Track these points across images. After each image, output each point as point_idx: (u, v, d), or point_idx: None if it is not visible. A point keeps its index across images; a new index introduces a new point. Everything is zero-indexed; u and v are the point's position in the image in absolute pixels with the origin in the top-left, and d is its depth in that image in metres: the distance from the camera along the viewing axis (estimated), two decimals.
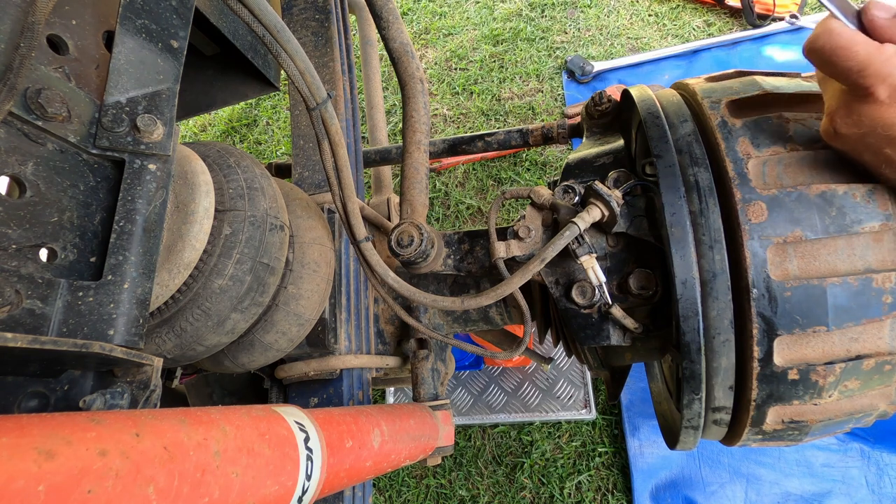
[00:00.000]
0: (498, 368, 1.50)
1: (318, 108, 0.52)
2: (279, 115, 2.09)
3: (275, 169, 1.34)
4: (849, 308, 0.49)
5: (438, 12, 2.14)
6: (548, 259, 0.59)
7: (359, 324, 0.80)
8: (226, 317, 0.58)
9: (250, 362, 0.70)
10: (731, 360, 0.54)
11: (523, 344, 0.74)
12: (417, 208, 0.73)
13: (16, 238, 0.40)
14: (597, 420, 1.40)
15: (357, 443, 0.46)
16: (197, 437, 0.29)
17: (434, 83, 1.98)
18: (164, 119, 0.48)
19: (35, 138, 0.42)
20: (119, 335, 0.41)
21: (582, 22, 1.97)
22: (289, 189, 0.75)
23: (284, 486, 0.35)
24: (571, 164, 0.71)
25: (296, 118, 0.92)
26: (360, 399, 0.77)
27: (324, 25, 0.95)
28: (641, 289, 0.62)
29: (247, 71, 0.98)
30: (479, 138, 1.21)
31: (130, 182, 0.45)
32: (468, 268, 0.76)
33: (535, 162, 1.74)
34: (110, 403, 0.39)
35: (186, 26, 0.54)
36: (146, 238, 0.45)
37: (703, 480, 1.28)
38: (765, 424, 0.56)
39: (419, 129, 0.78)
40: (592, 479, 1.35)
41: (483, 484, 1.40)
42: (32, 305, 0.38)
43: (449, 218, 1.74)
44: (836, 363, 0.50)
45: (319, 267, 0.70)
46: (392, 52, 0.84)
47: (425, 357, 0.81)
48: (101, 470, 0.23)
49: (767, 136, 0.54)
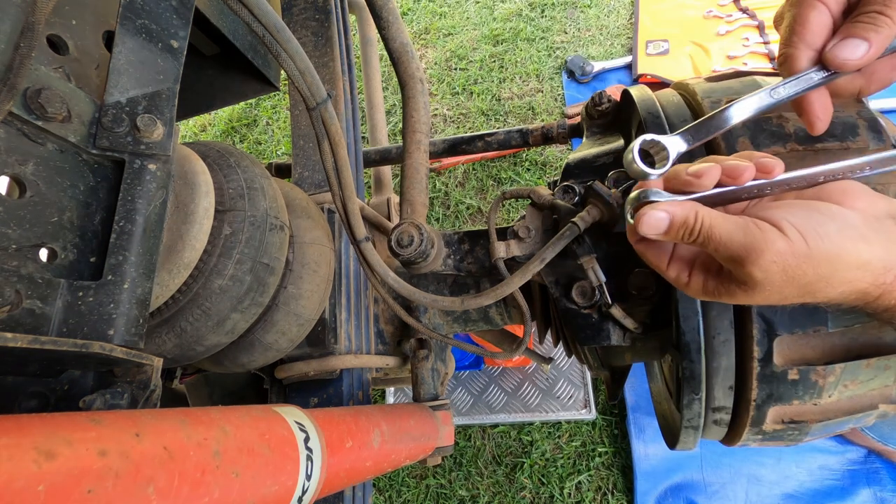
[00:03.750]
0: (498, 368, 1.50)
1: (317, 107, 0.52)
2: (279, 115, 2.09)
3: (275, 169, 1.34)
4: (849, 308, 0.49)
5: (438, 12, 2.14)
6: (548, 259, 0.59)
7: (359, 324, 0.80)
8: (226, 317, 0.58)
9: (250, 362, 0.70)
10: (730, 360, 0.54)
11: (523, 344, 0.74)
12: (417, 208, 0.73)
13: (16, 238, 0.40)
14: (597, 420, 1.40)
15: (357, 443, 0.46)
16: (197, 437, 0.29)
17: (434, 83, 1.98)
18: (164, 119, 0.48)
19: (35, 138, 0.42)
20: (119, 335, 0.41)
21: (582, 22, 1.97)
22: (289, 189, 0.75)
23: (284, 486, 0.35)
24: (571, 164, 0.71)
25: (296, 118, 0.92)
26: (360, 399, 0.77)
27: (324, 25, 0.95)
28: (641, 289, 0.62)
29: (247, 71, 0.98)
30: (479, 138, 1.20)
31: (130, 182, 0.45)
32: (468, 268, 0.76)
33: (535, 162, 1.74)
34: (110, 403, 0.39)
35: (186, 26, 0.54)
36: (146, 238, 0.45)
37: (705, 481, 1.28)
38: (765, 424, 0.56)
39: (419, 129, 0.78)
40: (592, 479, 1.35)
41: (483, 484, 1.40)
42: (32, 305, 0.38)
43: (449, 218, 1.74)
44: (836, 363, 0.50)
45: (319, 267, 0.70)
46: (392, 52, 0.84)
47: (425, 357, 0.81)
48: (101, 470, 0.23)
49: (767, 136, 0.54)
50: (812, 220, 0.37)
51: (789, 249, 0.36)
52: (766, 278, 0.37)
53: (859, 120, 0.53)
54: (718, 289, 0.41)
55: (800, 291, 0.38)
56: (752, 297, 0.39)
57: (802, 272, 0.37)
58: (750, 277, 0.38)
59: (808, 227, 0.37)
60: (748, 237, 0.37)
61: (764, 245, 0.36)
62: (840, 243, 0.36)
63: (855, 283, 0.37)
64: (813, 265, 0.36)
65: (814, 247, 0.36)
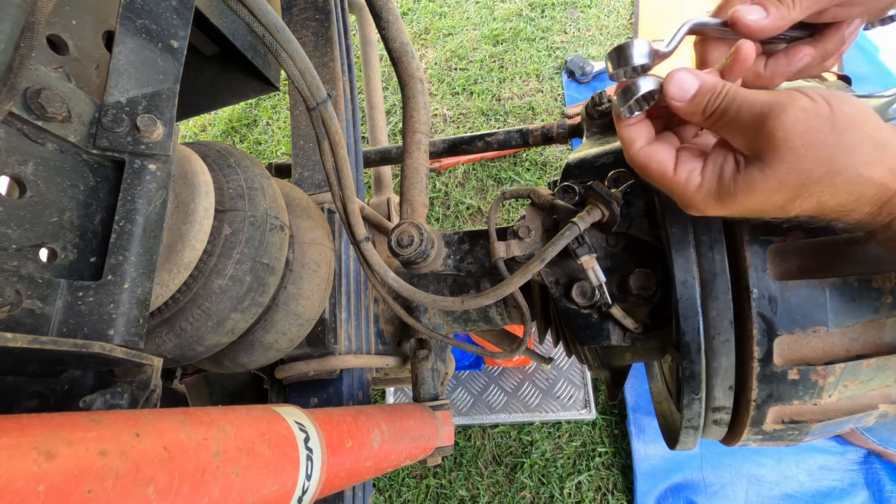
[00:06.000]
0: (498, 368, 1.50)
1: (317, 107, 0.52)
2: (279, 115, 2.09)
3: (275, 169, 1.34)
4: (849, 308, 0.49)
5: (438, 12, 2.14)
6: (548, 259, 0.59)
7: (359, 324, 0.80)
8: (226, 317, 0.58)
9: (250, 362, 0.70)
10: (731, 360, 0.54)
11: (523, 344, 0.74)
12: (417, 208, 0.73)
13: (16, 238, 0.40)
14: (597, 420, 1.40)
15: (357, 443, 0.46)
16: (197, 437, 0.29)
17: (434, 83, 1.98)
18: (164, 119, 0.48)
19: (35, 138, 0.42)
20: (119, 335, 0.41)
21: (582, 22, 1.97)
22: (289, 189, 0.75)
23: (284, 486, 0.35)
24: (571, 164, 0.71)
25: (296, 118, 0.92)
26: (360, 399, 0.77)
27: (324, 25, 0.95)
28: (641, 289, 0.62)
29: (247, 71, 0.98)
30: (479, 138, 1.20)
31: (130, 182, 0.45)
32: (468, 268, 0.76)
33: (535, 162, 1.74)
34: (110, 403, 0.39)
35: (186, 26, 0.54)
36: (146, 238, 0.45)
37: (705, 481, 1.28)
38: (765, 424, 0.56)
39: (419, 129, 0.78)
40: (592, 479, 1.35)
41: (483, 484, 1.40)
42: (32, 305, 0.38)
43: (449, 218, 1.74)
44: (836, 363, 0.50)
45: (319, 267, 0.70)
46: (392, 52, 0.84)
47: (425, 357, 0.81)
48: (101, 470, 0.23)
49: None
50: (836, 95, 0.36)
51: (814, 108, 0.35)
52: (788, 139, 0.35)
53: None
54: (735, 177, 0.39)
55: (820, 167, 0.36)
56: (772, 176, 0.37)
57: (825, 137, 0.35)
58: (771, 139, 0.36)
59: (832, 96, 0.36)
60: (772, 96, 0.37)
61: (789, 100, 0.36)
62: (863, 115, 0.36)
63: (876, 164, 0.35)
64: (836, 130, 0.35)
65: (838, 111, 0.35)
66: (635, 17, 1.89)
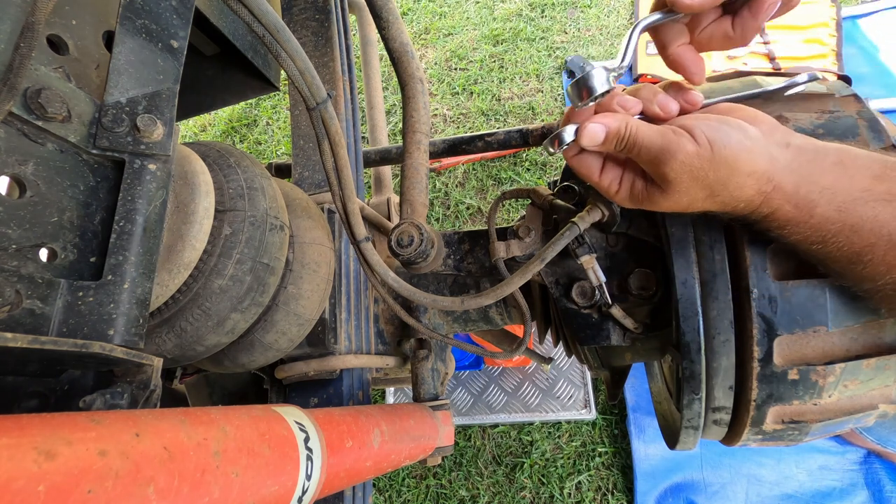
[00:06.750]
0: (498, 368, 1.50)
1: (317, 108, 0.52)
2: (279, 115, 2.09)
3: (275, 169, 1.34)
4: (849, 308, 0.49)
5: (438, 12, 2.14)
6: (548, 259, 0.59)
7: (359, 324, 0.80)
8: (226, 317, 0.58)
9: (250, 362, 0.70)
10: (731, 360, 0.54)
11: (523, 344, 0.74)
12: (417, 208, 0.73)
13: (16, 238, 0.40)
14: (597, 420, 1.40)
15: (357, 443, 0.46)
16: (197, 437, 0.29)
17: (434, 83, 1.98)
18: (164, 119, 0.48)
19: (35, 138, 0.42)
20: (119, 335, 0.41)
21: (582, 22, 1.97)
22: (289, 189, 0.75)
23: (284, 486, 0.35)
24: None
25: (296, 118, 0.92)
26: (360, 399, 0.77)
27: (324, 25, 0.95)
28: (641, 289, 0.62)
29: (247, 71, 0.98)
30: (479, 138, 1.20)
31: (130, 182, 0.45)
32: (468, 268, 0.76)
33: (535, 162, 1.74)
34: (110, 403, 0.39)
35: (186, 26, 0.54)
36: (146, 238, 0.45)
37: (705, 481, 1.28)
38: (765, 424, 0.56)
39: (419, 129, 0.78)
40: (592, 479, 1.35)
41: (483, 484, 1.40)
42: (32, 305, 0.38)
43: (449, 218, 1.74)
44: (836, 363, 0.50)
45: (319, 267, 0.70)
46: (392, 52, 0.84)
47: (425, 357, 0.81)
48: (101, 470, 0.23)
49: None
50: (721, 130, 0.43)
51: (696, 153, 0.43)
52: (677, 178, 0.44)
53: (859, 120, 0.53)
54: (643, 192, 0.48)
55: (704, 193, 0.45)
56: (667, 198, 0.46)
57: (705, 174, 0.43)
58: (665, 177, 0.45)
59: (716, 136, 0.43)
60: (665, 141, 0.44)
61: (677, 147, 0.43)
62: (737, 152, 0.43)
63: (744, 188, 0.44)
64: (714, 168, 0.43)
65: (717, 152, 0.43)
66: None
